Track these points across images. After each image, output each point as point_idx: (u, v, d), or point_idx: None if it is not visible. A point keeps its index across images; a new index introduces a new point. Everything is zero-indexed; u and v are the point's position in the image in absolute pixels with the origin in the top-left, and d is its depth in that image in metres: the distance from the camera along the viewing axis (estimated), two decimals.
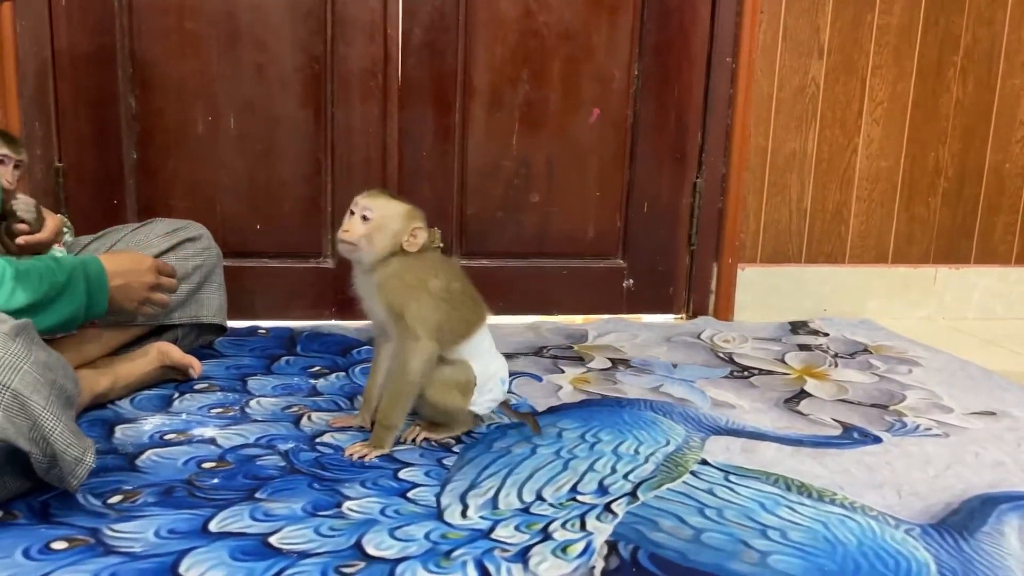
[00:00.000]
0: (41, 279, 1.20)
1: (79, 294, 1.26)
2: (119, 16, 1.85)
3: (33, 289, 1.18)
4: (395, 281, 1.29)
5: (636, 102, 2.14)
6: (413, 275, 1.30)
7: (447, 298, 1.32)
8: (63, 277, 1.24)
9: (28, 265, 1.21)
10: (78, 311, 1.26)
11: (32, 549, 1.00)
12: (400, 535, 1.07)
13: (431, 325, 1.30)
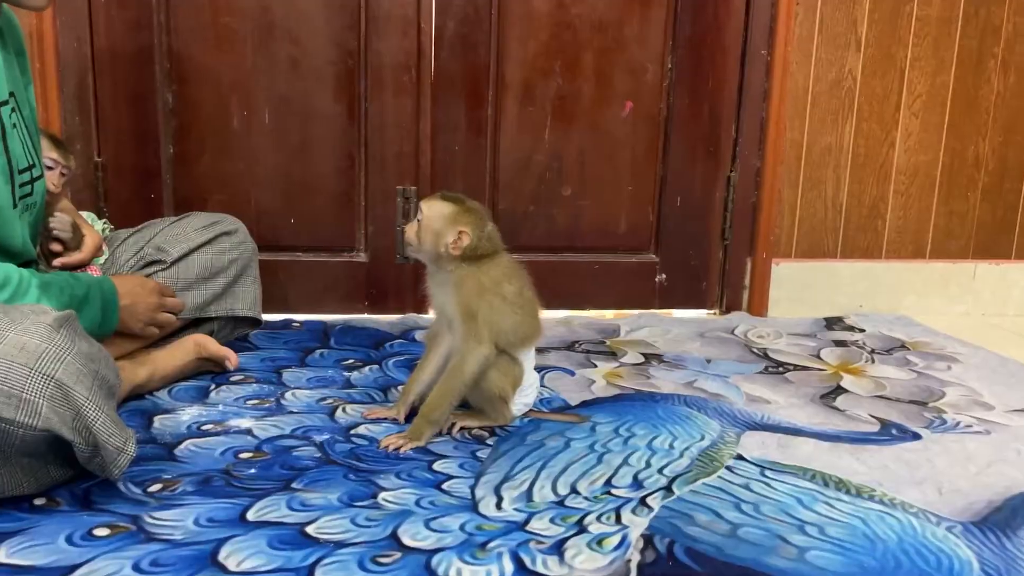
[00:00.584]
0: (62, 291, 1.22)
1: (96, 310, 1.29)
2: (157, 12, 1.87)
3: (56, 300, 1.20)
4: (473, 282, 1.32)
5: (669, 95, 2.12)
6: (489, 278, 1.33)
7: (519, 303, 1.36)
8: (81, 291, 1.27)
9: (50, 277, 1.23)
10: (93, 327, 1.27)
11: (75, 535, 1.02)
12: (435, 526, 1.08)
13: (496, 330, 1.33)
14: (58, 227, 1.41)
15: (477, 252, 1.33)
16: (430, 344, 1.43)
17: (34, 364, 0.99)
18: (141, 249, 1.57)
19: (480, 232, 1.33)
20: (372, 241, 2.06)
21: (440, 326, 1.41)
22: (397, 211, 2.05)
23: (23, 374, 0.98)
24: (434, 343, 1.42)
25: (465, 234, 1.32)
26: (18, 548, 0.98)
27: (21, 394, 0.98)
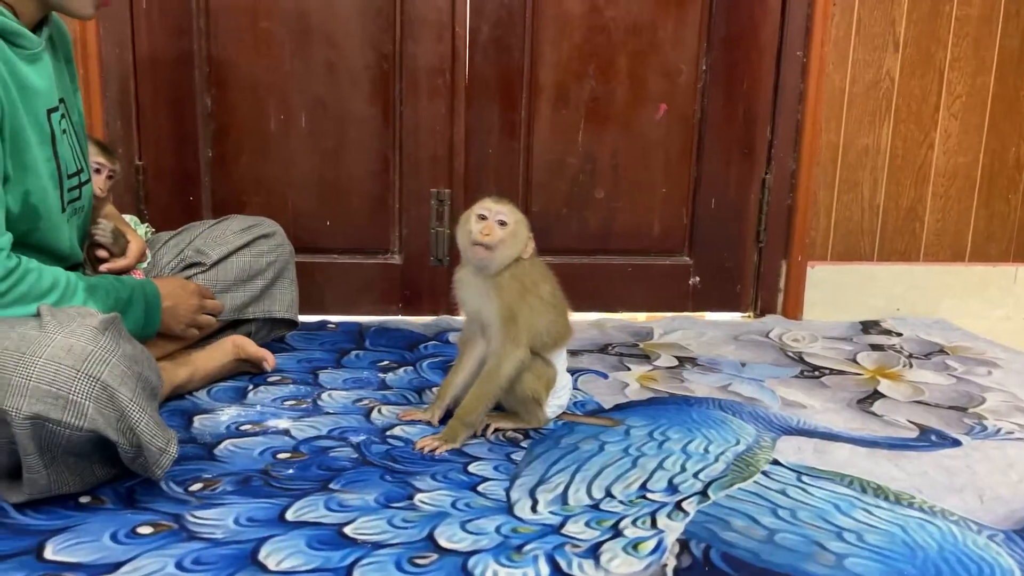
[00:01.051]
0: (107, 294, 1.24)
1: (139, 312, 1.31)
2: (196, 18, 1.90)
3: (102, 302, 1.22)
4: (515, 284, 1.33)
5: (704, 97, 2.11)
6: (530, 279, 1.35)
7: (554, 303, 1.38)
8: (126, 294, 1.29)
9: (95, 281, 1.25)
10: (136, 328, 1.29)
11: (119, 533, 1.04)
12: (471, 528, 1.08)
13: (533, 333, 1.34)
14: (100, 234, 1.44)
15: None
16: (463, 348, 1.44)
17: (81, 366, 1.01)
18: (181, 251, 1.60)
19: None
20: (406, 243, 2.08)
21: (473, 330, 1.42)
22: (431, 214, 2.06)
23: (70, 376, 1.01)
24: (468, 347, 1.43)
25: (531, 238, 1.36)
26: (64, 545, 1.01)
27: (68, 395, 1.00)
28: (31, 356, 1.01)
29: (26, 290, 1.12)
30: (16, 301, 1.11)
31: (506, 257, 1.33)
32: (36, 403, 0.99)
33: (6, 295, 1.10)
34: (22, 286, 1.12)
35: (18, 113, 1.15)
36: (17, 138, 1.15)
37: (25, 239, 1.20)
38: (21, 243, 1.20)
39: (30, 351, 1.01)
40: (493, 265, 1.33)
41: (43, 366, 1.00)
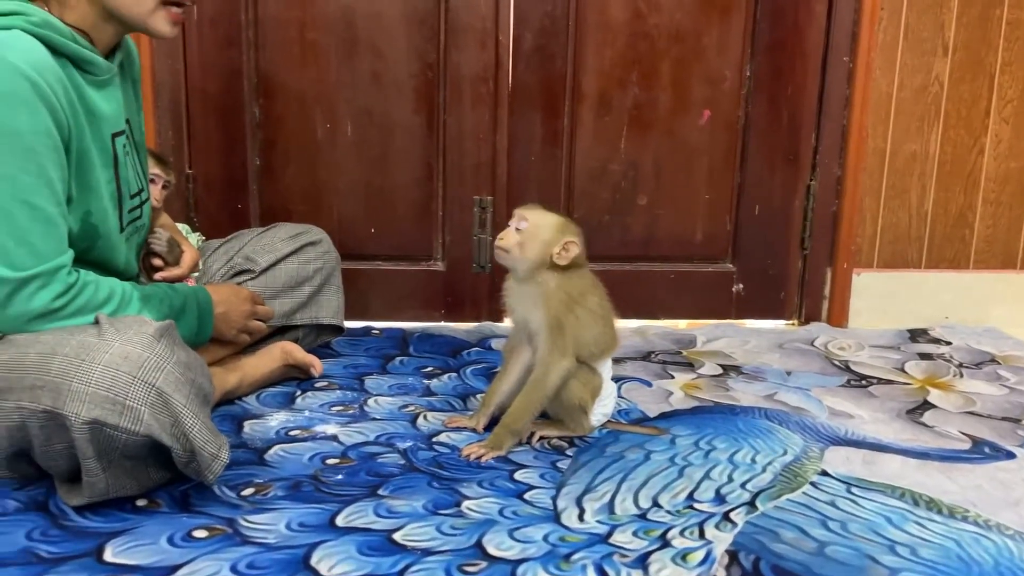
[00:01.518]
0: (161, 303, 1.28)
1: (193, 319, 1.34)
2: (245, 30, 1.94)
3: (156, 311, 1.25)
4: (561, 294, 1.34)
5: (748, 103, 2.10)
6: (577, 290, 1.35)
7: (602, 314, 1.38)
8: (179, 302, 1.32)
9: (150, 290, 1.28)
10: (190, 335, 1.32)
11: (176, 536, 1.06)
12: (519, 536, 1.09)
13: (579, 343, 1.35)
14: (156, 243, 1.47)
15: (572, 263, 1.35)
16: (509, 356, 1.44)
17: (137, 372, 1.04)
18: (231, 258, 1.63)
19: (582, 244, 1.37)
20: (449, 250, 2.09)
21: (519, 338, 1.43)
22: (474, 221, 2.08)
23: (127, 382, 1.03)
24: (513, 355, 1.43)
25: (573, 244, 1.35)
26: (123, 548, 1.03)
27: (125, 401, 1.03)
28: (90, 363, 1.04)
29: (84, 303, 1.15)
30: (75, 313, 1.14)
31: (525, 260, 1.34)
32: (95, 408, 1.02)
33: (65, 308, 1.14)
34: (80, 299, 1.15)
35: (84, 137, 1.19)
36: (82, 161, 1.19)
37: (83, 256, 1.23)
38: (79, 259, 1.23)
39: (89, 358, 1.04)
40: (517, 268, 1.36)
41: (101, 372, 1.03)
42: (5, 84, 1.07)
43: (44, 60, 1.11)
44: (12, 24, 1.11)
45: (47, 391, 1.04)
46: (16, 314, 1.12)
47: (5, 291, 1.11)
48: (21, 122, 1.08)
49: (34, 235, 1.11)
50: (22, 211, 1.10)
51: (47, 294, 1.12)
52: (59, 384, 1.03)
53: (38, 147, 1.10)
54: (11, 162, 1.09)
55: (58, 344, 1.07)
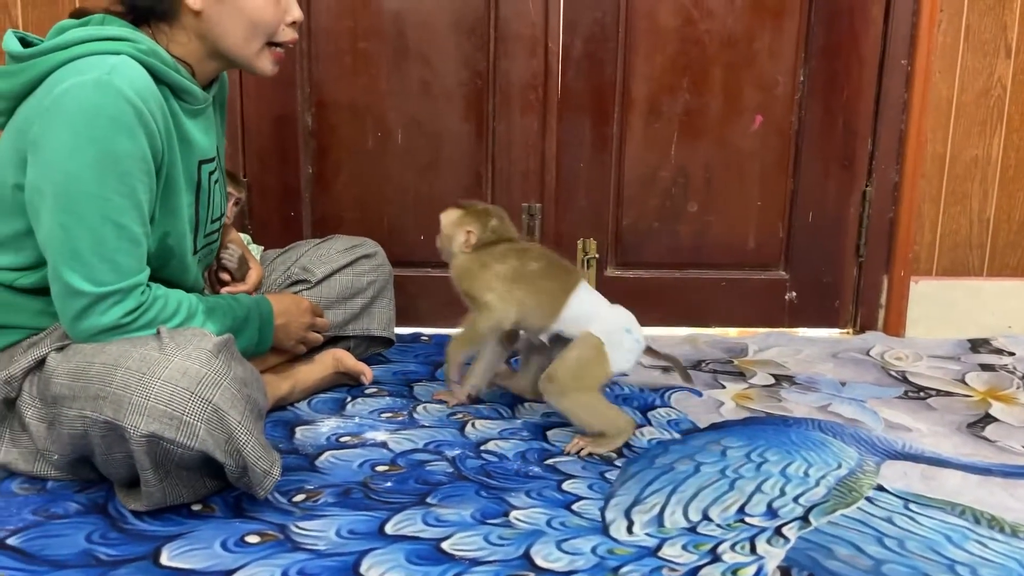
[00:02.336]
0: (225, 315, 1.30)
1: (254, 330, 1.36)
2: (299, 40, 1.96)
3: (220, 322, 1.28)
4: (459, 271, 1.49)
5: (801, 108, 2.07)
6: (478, 263, 1.47)
7: (518, 278, 1.45)
8: (242, 314, 1.34)
9: (213, 302, 1.31)
10: (250, 346, 1.35)
11: (229, 541, 1.08)
12: (567, 548, 1.09)
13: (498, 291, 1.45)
14: (228, 259, 1.51)
15: (482, 243, 1.48)
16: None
17: (195, 388, 1.06)
18: (288, 268, 1.66)
19: (484, 228, 1.49)
20: None
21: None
22: (522, 228, 2.08)
23: (185, 398, 1.05)
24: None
25: (472, 233, 1.47)
26: (179, 552, 1.05)
27: (182, 416, 1.05)
28: (150, 377, 1.06)
29: (152, 318, 1.19)
30: (141, 328, 1.17)
31: (449, 254, 1.53)
32: (153, 422, 1.04)
33: (134, 323, 1.17)
34: (148, 314, 1.18)
35: (175, 163, 1.23)
36: (169, 185, 1.23)
37: (155, 274, 1.26)
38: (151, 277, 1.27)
39: (150, 372, 1.06)
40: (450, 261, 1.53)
41: (161, 387, 1.05)
42: (110, 108, 1.11)
43: (148, 87, 1.15)
44: (121, 50, 1.15)
45: (109, 402, 1.07)
46: (87, 327, 1.15)
47: (82, 304, 1.14)
48: (121, 146, 1.12)
49: (118, 253, 1.15)
50: (110, 230, 1.14)
51: (119, 310, 1.15)
52: (120, 396, 1.06)
53: (133, 170, 1.14)
54: (107, 183, 1.13)
55: (121, 356, 1.10)
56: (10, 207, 1.19)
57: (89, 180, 1.12)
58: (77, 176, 1.12)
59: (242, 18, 1.25)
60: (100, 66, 1.13)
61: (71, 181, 1.12)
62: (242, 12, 1.25)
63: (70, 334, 1.18)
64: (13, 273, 1.22)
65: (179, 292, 1.25)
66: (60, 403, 1.13)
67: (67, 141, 1.11)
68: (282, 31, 1.30)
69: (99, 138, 1.11)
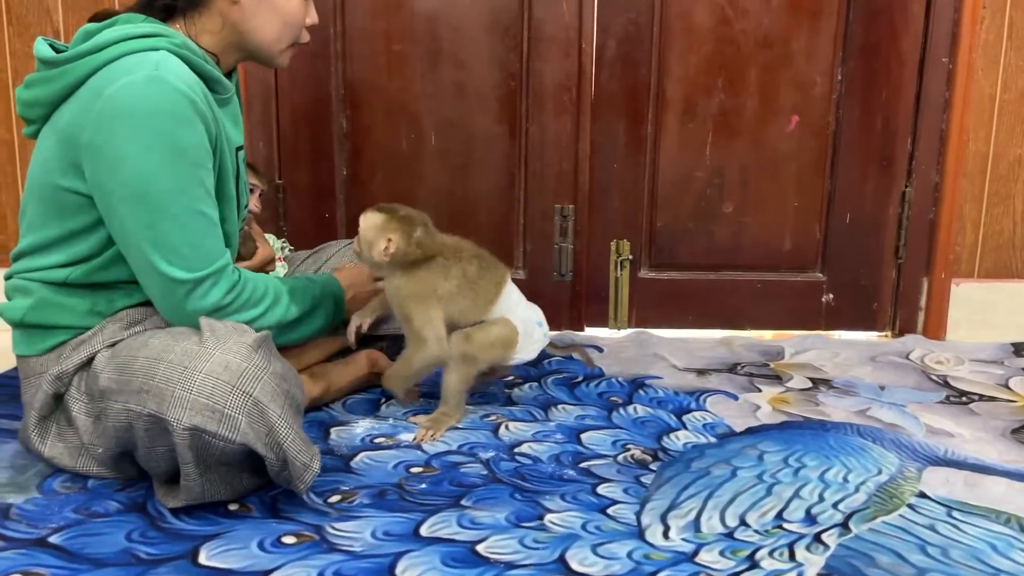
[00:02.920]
0: (304, 294, 1.36)
1: (331, 307, 1.42)
2: (334, 42, 1.98)
3: (301, 303, 1.34)
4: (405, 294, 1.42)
5: (839, 107, 2.04)
6: (426, 288, 1.42)
7: (466, 285, 1.44)
8: (319, 292, 1.40)
9: (292, 283, 1.36)
10: (326, 322, 1.42)
11: (266, 542, 1.09)
12: (603, 552, 1.08)
13: (438, 329, 1.42)
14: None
15: (409, 258, 1.41)
16: None
17: (236, 382, 1.07)
18: (319, 268, 1.67)
19: (407, 239, 1.40)
20: (530, 259, 2.09)
21: None
22: (554, 229, 2.07)
23: (226, 391, 1.06)
24: None
25: (392, 242, 1.39)
26: (217, 551, 1.06)
27: (224, 409, 1.06)
28: (192, 370, 1.07)
29: (248, 297, 1.25)
30: (242, 307, 1.24)
31: (367, 260, 1.43)
32: (195, 415, 1.05)
33: (234, 303, 1.23)
34: (244, 294, 1.25)
35: (223, 150, 1.26)
36: (221, 172, 1.26)
37: None
38: None
39: (192, 365, 1.08)
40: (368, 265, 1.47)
41: (202, 380, 1.06)
42: (168, 104, 1.14)
43: (192, 78, 1.18)
44: (158, 46, 1.18)
45: (152, 396, 1.08)
46: (192, 310, 1.20)
47: (184, 290, 1.19)
48: (186, 138, 1.16)
49: (206, 239, 1.20)
50: (194, 219, 1.19)
51: (218, 291, 1.21)
52: (163, 389, 1.07)
53: (199, 160, 1.19)
54: (181, 175, 1.17)
55: (164, 351, 1.11)
56: (56, 209, 1.22)
57: (165, 177, 1.16)
58: (153, 175, 1.15)
59: (277, 16, 1.29)
60: (145, 63, 1.15)
61: (148, 180, 1.15)
62: (278, 11, 1.29)
63: (175, 322, 1.22)
64: (64, 270, 1.24)
65: (263, 276, 1.32)
66: (106, 397, 1.14)
67: (133, 141, 1.14)
68: (303, 33, 1.36)
69: (164, 133, 1.14)
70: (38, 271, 1.25)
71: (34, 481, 1.24)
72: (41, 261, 1.25)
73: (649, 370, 1.80)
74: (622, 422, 1.52)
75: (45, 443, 1.25)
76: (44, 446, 1.25)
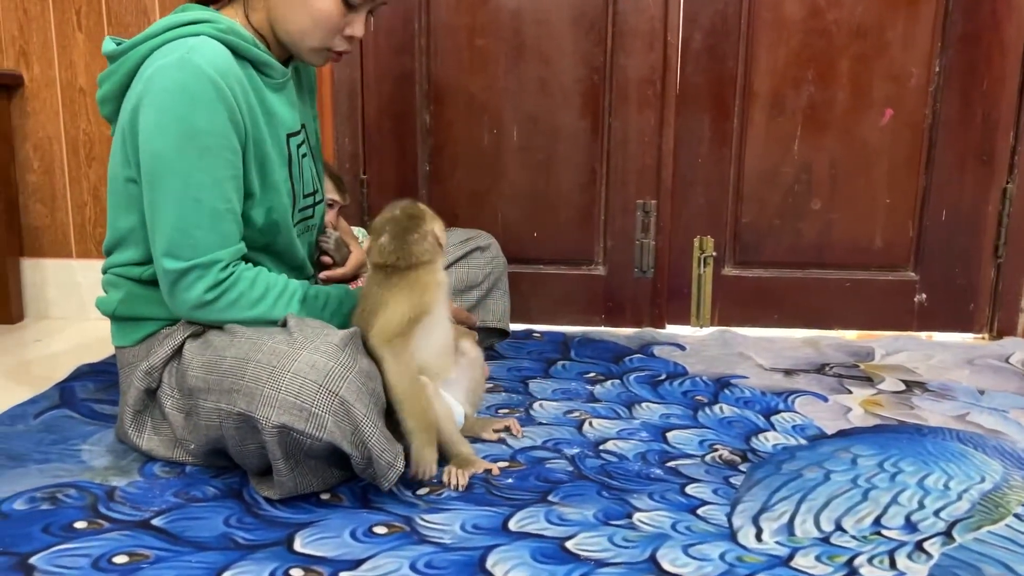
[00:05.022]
0: (323, 309, 1.28)
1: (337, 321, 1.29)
2: (418, 38, 1.99)
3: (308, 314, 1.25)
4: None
5: (935, 100, 1.96)
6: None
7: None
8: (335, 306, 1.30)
9: (315, 291, 1.29)
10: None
11: (358, 531, 1.10)
12: (694, 553, 1.06)
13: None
14: (324, 241, 1.53)
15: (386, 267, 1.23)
16: None
17: (322, 381, 1.08)
18: None
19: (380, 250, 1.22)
20: (611, 255, 2.08)
21: None
22: (636, 225, 2.05)
23: (313, 390, 1.07)
24: None
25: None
26: (311, 539, 1.08)
27: (311, 408, 1.07)
28: (280, 370, 1.09)
29: (235, 297, 1.21)
30: (228, 306, 1.20)
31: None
32: (283, 414, 1.07)
33: (218, 300, 1.20)
34: (231, 293, 1.20)
35: (263, 136, 1.25)
36: (263, 160, 1.26)
37: (266, 250, 1.31)
38: (263, 252, 1.31)
39: (280, 365, 1.09)
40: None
41: (290, 380, 1.08)
42: (191, 85, 1.15)
43: (227, 64, 1.18)
44: (201, 31, 1.20)
45: (242, 395, 1.10)
46: (179, 302, 1.21)
47: (169, 280, 1.20)
48: (200, 121, 1.16)
49: (198, 229, 1.18)
50: (190, 206, 1.17)
51: (201, 285, 1.19)
52: (252, 389, 1.09)
53: (213, 146, 1.17)
54: (186, 158, 1.16)
55: (251, 350, 1.13)
56: (125, 201, 1.25)
57: (170, 156, 1.16)
58: (160, 153, 1.16)
59: (305, 13, 1.25)
60: (181, 47, 1.17)
61: (155, 158, 1.16)
62: (307, 8, 1.25)
63: (174, 313, 1.23)
64: (138, 268, 1.28)
65: (276, 277, 1.26)
66: (196, 395, 1.18)
67: (153, 120, 1.16)
68: (338, 40, 1.30)
69: (180, 115, 1.15)
70: (121, 267, 1.29)
71: (135, 465, 1.28)
72: (122, 256, 1.29)
73: (734, 369, 1.76)
74: (708, 422, 1.49)
75: (142, 437, 1.29)
76: (141, 440, 1.29)
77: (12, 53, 2.00)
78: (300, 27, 1.26)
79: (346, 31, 1.29)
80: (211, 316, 1.21)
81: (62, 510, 1.14)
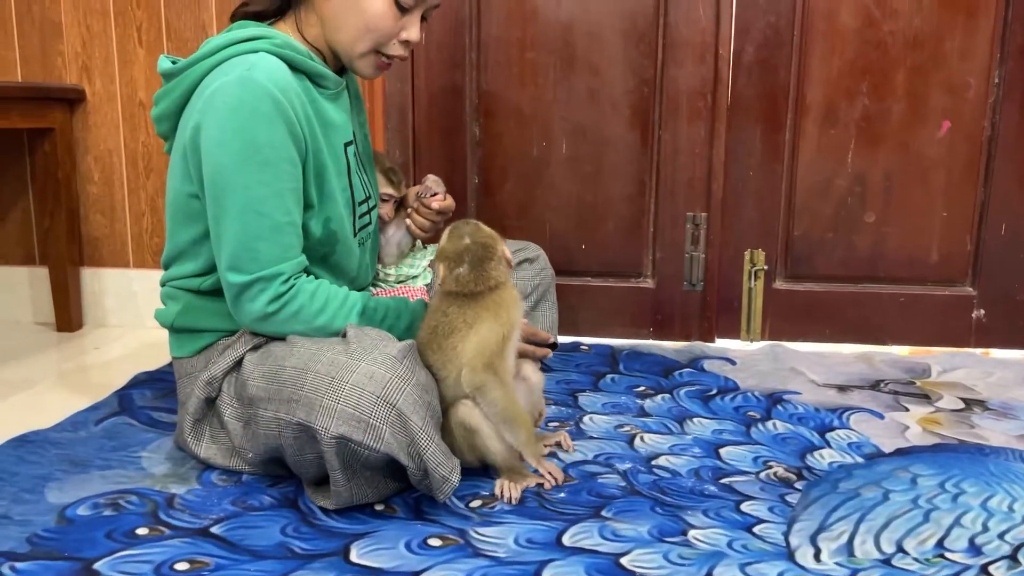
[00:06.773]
0: (383, 321, 1.28)
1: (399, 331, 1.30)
2: (469, 51, 2.01)
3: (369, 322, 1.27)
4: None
5: (995, 112, 1.92)
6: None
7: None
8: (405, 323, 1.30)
9: (375, 304, 1.29)
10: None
11: (413, 543, 1.11)
12: (752, 572, 1.05)
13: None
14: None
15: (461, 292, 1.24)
16: None
17: (380, 392, 1.09)
18: None
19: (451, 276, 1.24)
20: (659, 267, 2.06)
21: None
22: (686, 237, 2.04)
23: (371, 401, 1.08)
24: None
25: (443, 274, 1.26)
26: (367, 550, 1.09)
27: (369, 420, 1.08)
28: (340, 381, 1.10)
29: (296, 309, 1.22)
30: (289, 318, 1.22)
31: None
32: (342, 425, 1.08)
33: (279, 312, 1.22)
34: (292, 306, 1.22)
35: (321, 148, 1.28)
36: (321, 171, 1.28)
37: (323, 261, 1.33)
38: (320, 264, 1.33)
39: (339, 376, 1.10)
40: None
41: (349, 391, 1.09)
42: (250, 100, 1.17)
43: (286, 79, 1.21)
44: (259, 47, 1.23)
45: (301, 405, 1.12)
46: (243, 314, 1.23)
47: (232, 292, 1.23)
48: (260, 135, 1.18)
49: (260, 242, 1.20)
50: (252, 219, 1.19)
51: (264, 298, 1.21)
52: (312, 399, 1.10)
53: (273, 159, 1.19)
54: (247, 171, 1.18)
55: (311, 360, 1.14)
56: (185, 215, 1.28)
57: (232, 170, 1.18)
58: (222, 167, 1.18)
59: (359, 18, 1.27)
60: (242, 64, 1.19)
61: (217, 173, 1.19)
62: (361, 13, 1.27)
63: (240, 324, 1.26)
64: (196, 279, 1.31)
65: (337, 289, 1.27)
66: (256, 404, 1.19)
67: (215, 136, 1.18)
68: (393, 45, 1.32)
69: (240, 129, 1.17)
70: (180, 279, 1.33)
71: (193, 473, 1.30)
72: (180, 269, 1.32)
73: (787, 385, 1.74)
74: (762, 438, 1.48)
75: (200, 445, 1.31)
76: (199, 448, 1.31)
77: (75, 68, 2.06)
78: (354, 32, 1.28)
79: (401, 35, 1.31)
80: (273, 328, 1.23)
81: (124, 516, 1.16)
